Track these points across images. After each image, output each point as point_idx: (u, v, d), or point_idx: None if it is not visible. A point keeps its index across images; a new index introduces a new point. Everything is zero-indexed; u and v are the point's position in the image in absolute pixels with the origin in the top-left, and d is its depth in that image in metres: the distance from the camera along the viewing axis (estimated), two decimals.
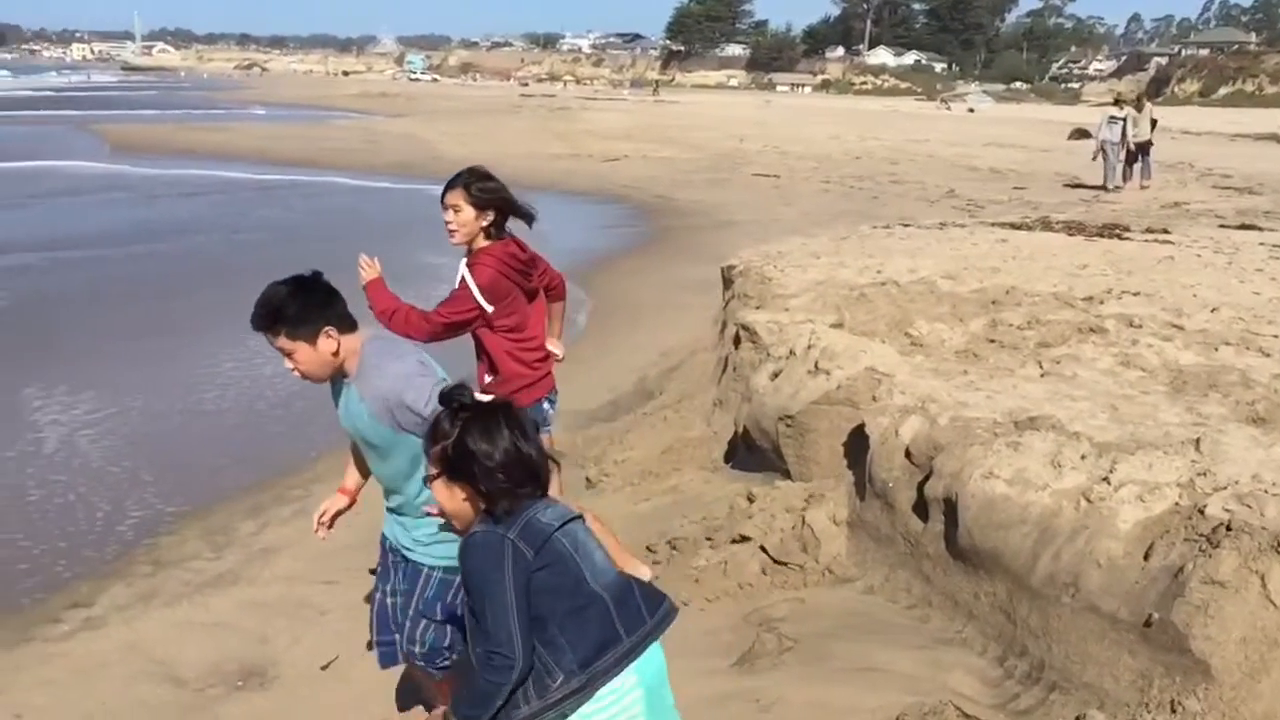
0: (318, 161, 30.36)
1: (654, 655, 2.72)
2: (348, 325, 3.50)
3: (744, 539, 4.97)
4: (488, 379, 4.74)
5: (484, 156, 31.23)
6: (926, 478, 4.47)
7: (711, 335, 8.97)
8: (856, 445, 5.12)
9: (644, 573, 2.88)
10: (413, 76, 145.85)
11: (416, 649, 3.68)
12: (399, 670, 4.67)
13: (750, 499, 5.23)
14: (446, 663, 3.70)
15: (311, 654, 4.93)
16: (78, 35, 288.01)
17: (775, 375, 5.95)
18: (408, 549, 3.65)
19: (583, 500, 6.59)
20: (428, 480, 2.66)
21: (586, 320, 12.62)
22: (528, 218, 4.78)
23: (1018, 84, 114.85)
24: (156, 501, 7.05)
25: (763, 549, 4.92)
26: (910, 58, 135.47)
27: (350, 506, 3.92)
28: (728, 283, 8.73)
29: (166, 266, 15.24)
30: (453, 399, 2.67)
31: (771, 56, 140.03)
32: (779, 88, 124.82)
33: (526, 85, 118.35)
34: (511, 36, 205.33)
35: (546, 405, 4.91)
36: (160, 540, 6.46)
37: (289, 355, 3.46)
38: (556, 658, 2.55)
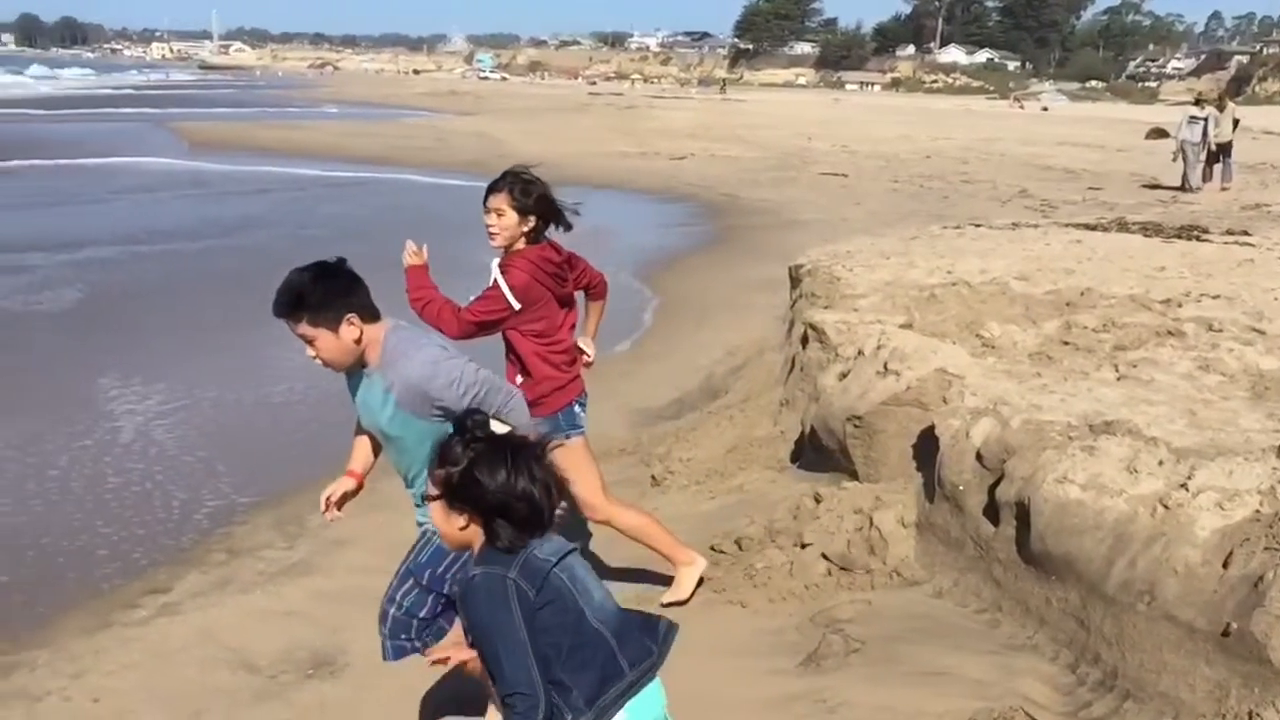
0: (388, 159, 30.73)
1: (656, 689, 2.66)
2: (370, 314, 3.46)
3: (810, 540, 4.95)
4: (519, 380, 4.77)
5: (551, 154, 31.39)
6: (998, 481, 4.42)
7: (778, 334, 8.93)
8: (926, 447, 5.07)
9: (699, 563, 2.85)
10: (482, 75, 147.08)
11: (393, 610, 3.61)
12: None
13: (817, 500, 5.20)
14: (410, 640, 3.61)
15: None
16: (157, 34, 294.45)
17: (843, 375, 5.91)
18: (421, 523, 3.66)
19: (648, 498, 6.62)
20: (426, 499, 2.60)
21: (652, 318, 12.64)
22: (568, 224, 4.77)
23: (1093, 82, 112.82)
24: (230, 491, 7.19)
25: (828, 551, 4.90)
26: (983, 56, 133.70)
27: (358, 490, 3.84)
28: (795, 282, 8.69)
29: (236, 261, 15.51)
30: (468, 426, 2.62)
31: (841, 55, 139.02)
32: (848, 86, 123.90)
33: (594, 84, 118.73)
34: (580, 35, 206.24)
35: (578, 408, 4.89)
36: (234, 529, 6.59)
37: (310, 343, 3.43)
38: (565, 697, 2.49)
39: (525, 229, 4.62)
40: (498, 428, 2.63)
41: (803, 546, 4.94)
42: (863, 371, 5.73)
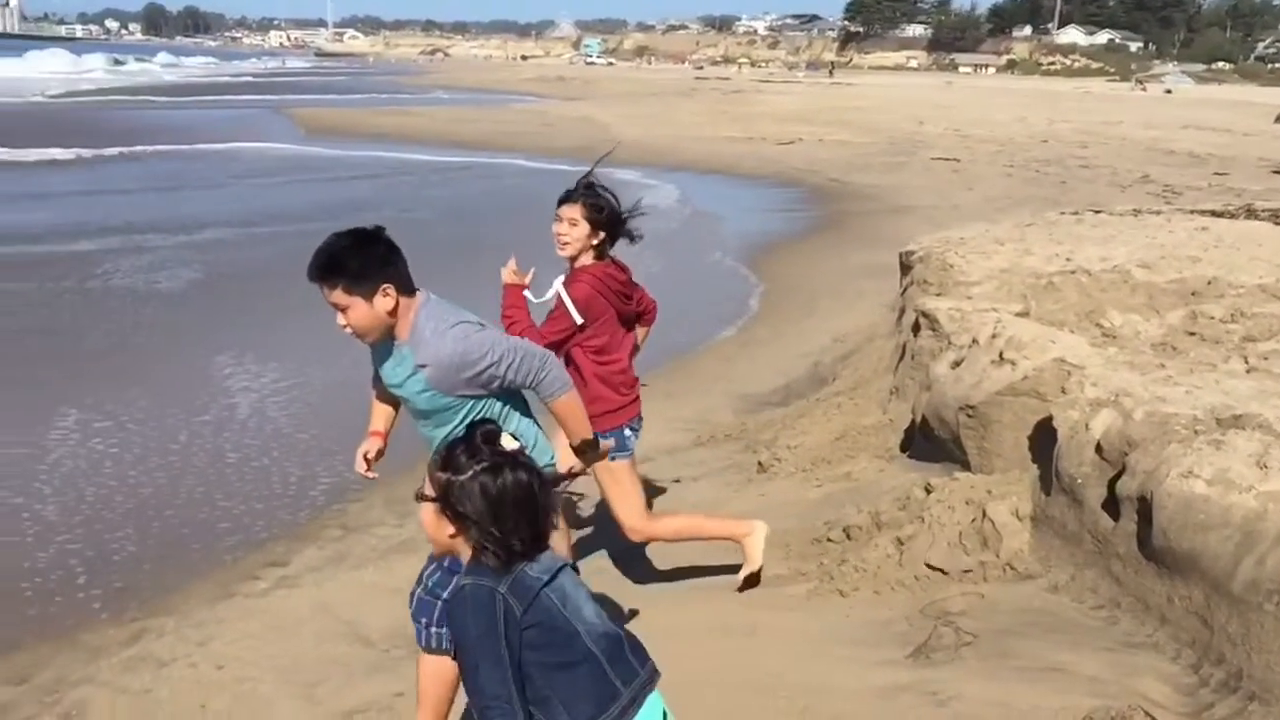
0: (495, 144, 31.08)
1: (654, 705, 2.61)
2: (406, 286, 3.38)
3: (921, 530, 4.87)
4: None
5: (656, 139, 31.44)
6: (1119, 474, 4.29)
7: (887, 322, 8.81)
8: (1043, 439, 4.95)
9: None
10: (589, 60, 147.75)
11: (419, 591, 3.60)
12: None
13: (928, 490, 5.12)
14: (430, 626, 3.58)
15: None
16: (275, 23, 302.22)
17: (957, 364, 5.80)
18: None
19: (754, 485, 6.60)
20: (419, 496, 2.52)
21: (758, 304, 12.58)
22: (634, 238, 4.74)
23: (1220, 64, 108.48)
24: (343, 469, 7.35)
25: (939, 542, 4.82)
26: (1103, 37, 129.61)
27: (384, 449, 3.88)
28: (906, 268, 8.55)
29: None
30: (479, 436, 2.52)
31: (954, 36, 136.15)
32: (961, 69, 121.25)
33: (701, 68, 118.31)
34: (687, 19, 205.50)
35: (629, 431, 4.82)
36: (348, 506, 6.75)
37: (343, 310, 3.33)
38: (552, 716, 2.44)
39: (594, 242, 4.58)
40: (508, 442, 2.52)
41: (914, 534, 4.86)
42: (977, 360, 5.61)
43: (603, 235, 4.59)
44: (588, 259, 4.59)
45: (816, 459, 6.56)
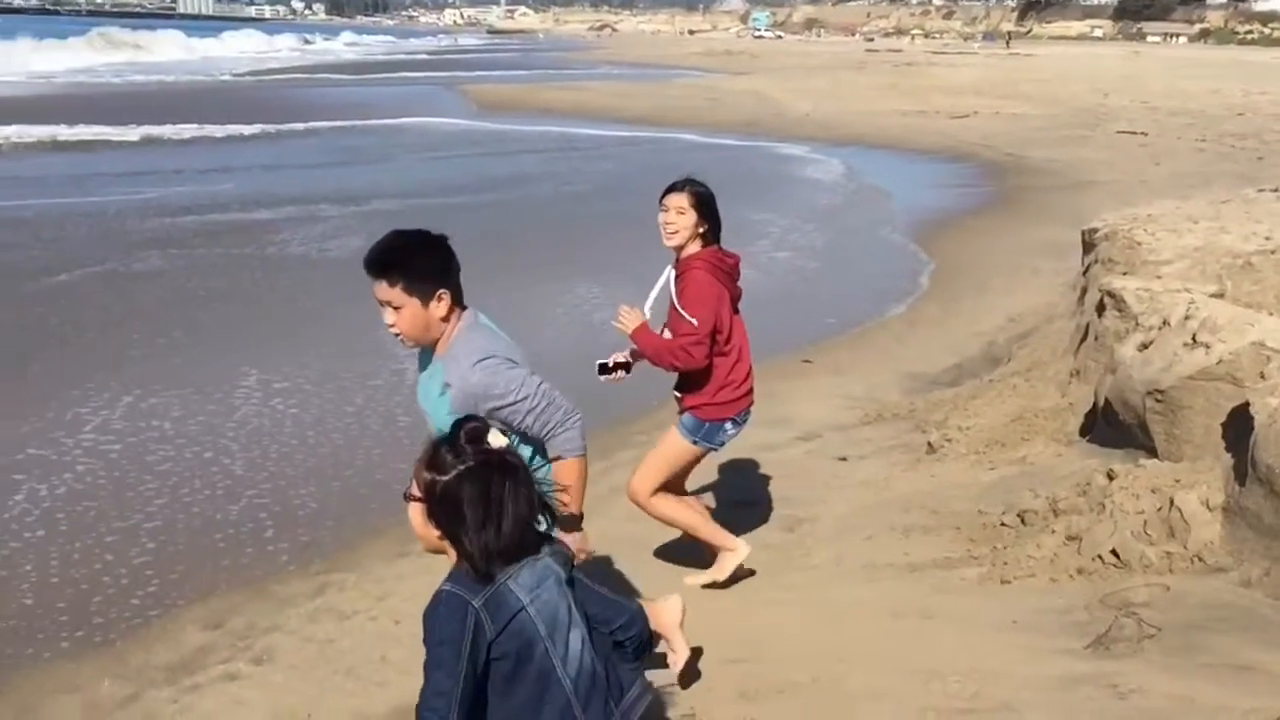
0: (662, 119, 31.14)
1: None
2: (459, 297, 3.32)
3: (1102, 517, 4.69)
4: (676, 394, 4.79)
5: (825, 113, 30.99)
6: None
7: (1067, 302, 8.47)
8: (1238, 426, 4.69)
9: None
10: (757, 34, 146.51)
11: None
12: (738, 616, 4.79)
13: (1110, 476, 4.92)
14: None
15: (647, 590, 5.11)
16: (450, 1, 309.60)
17: (1144, 346, 5.54)
18: None
19: (923, 466, 6.47)
20: (406, 496, 2.44)
21: (929, 282, 12.29)
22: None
23: None
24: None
25: (1122, 530, 4.63)
26: None
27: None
28: (1089, 246, 8.20)
29: (503, 215, 16.16)
30: (463, 434, 2.41)
31: (1143, 4, 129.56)
32: (1149, 38, 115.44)
33: (872, 40, 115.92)
34: None
35: (730, 427, 4.78)
36: None
37: (397, 309, 3.25)
38: None
39: (701, 229, 4.63)
40: (496, 439, 2.41)
41: (1095, 521, 4.69)
42: (1167, 343, 5.35)
43: (707, 224, 4.65)
44: (695, 246, 4.65)
45: (990, 441, 6.39)
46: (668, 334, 4.69)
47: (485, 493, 2.33)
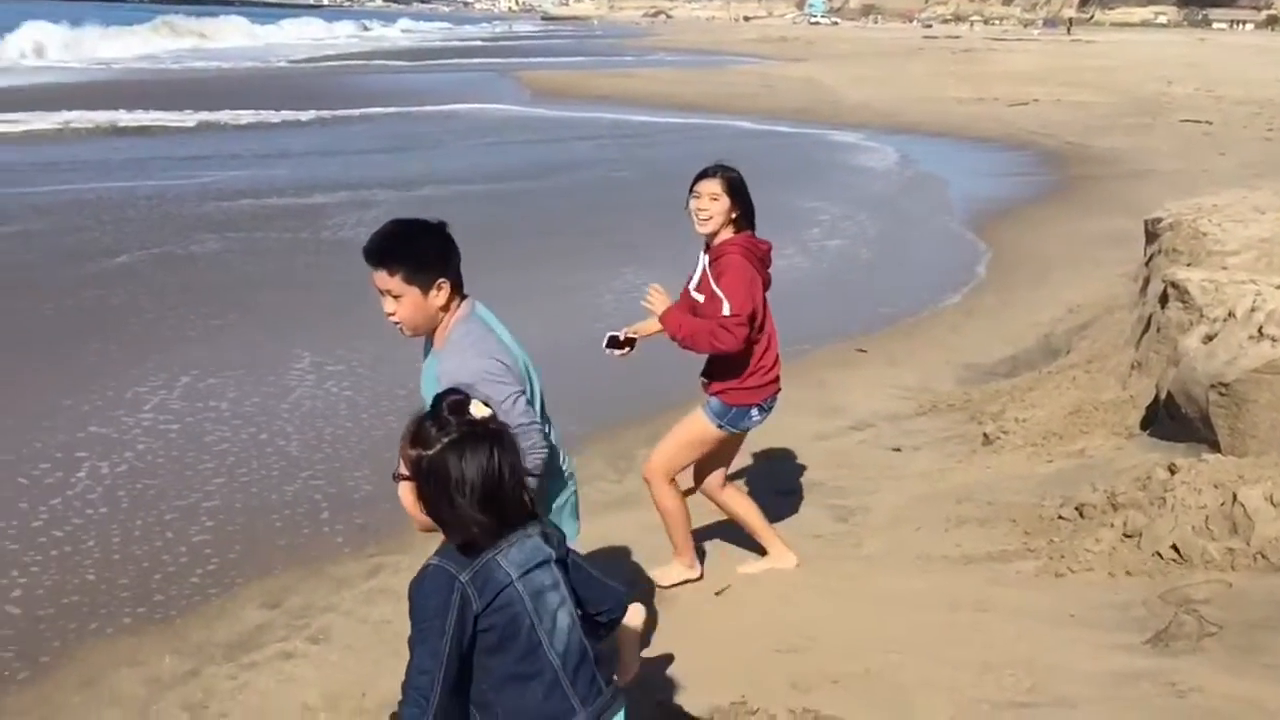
0: (715, 106, 31.00)
1: None
2: (459, 287, 3.31)
3: (1163, 512, 4.61)
4: (704, 378, 4.77)
5: (883, 101, 30.69)
6: None
7: (1129, 292, 8.34)
8: None
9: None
10: (812, 20, 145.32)
11: None
12: (789, 606, 4.77)
13: (1172, 470, 4.84)
14: None
15: (706, 579, 5.12)
16: None
17: (1209, 338, 5.43)
18: None
19: (979, 457, 6.40)
20: (395, 477, 2.42)
21: (986, 271, 12.14)
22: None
23: None
24: (568, 423, 7.48)
25: (1183, 525, 4.55)
26: None
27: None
28: (1152, 237, 8.06)
29: (552, 201, 16.21)
30: (445, 407, 2.39)
31: None
32: (1215, 25, 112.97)
33: (929, 26, 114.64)
34: None
35: (755, 413, 4.74)
36: (574, 458, 6.86)
37: (397, 298, 3.24)
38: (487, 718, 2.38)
39: (733, 215, 4.61)
40: (478, 410, 2.38)
41: (1155, 515, 4.61)
42: (1233, 335, 5.24)
43: (740, 209, 4.63)
44: (728, 232, 4.63)
45: (1047, 433, 6.31)
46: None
47: (471, 463, 2.31)
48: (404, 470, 2.40)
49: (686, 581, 5.01)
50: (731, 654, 4.42)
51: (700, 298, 4.64)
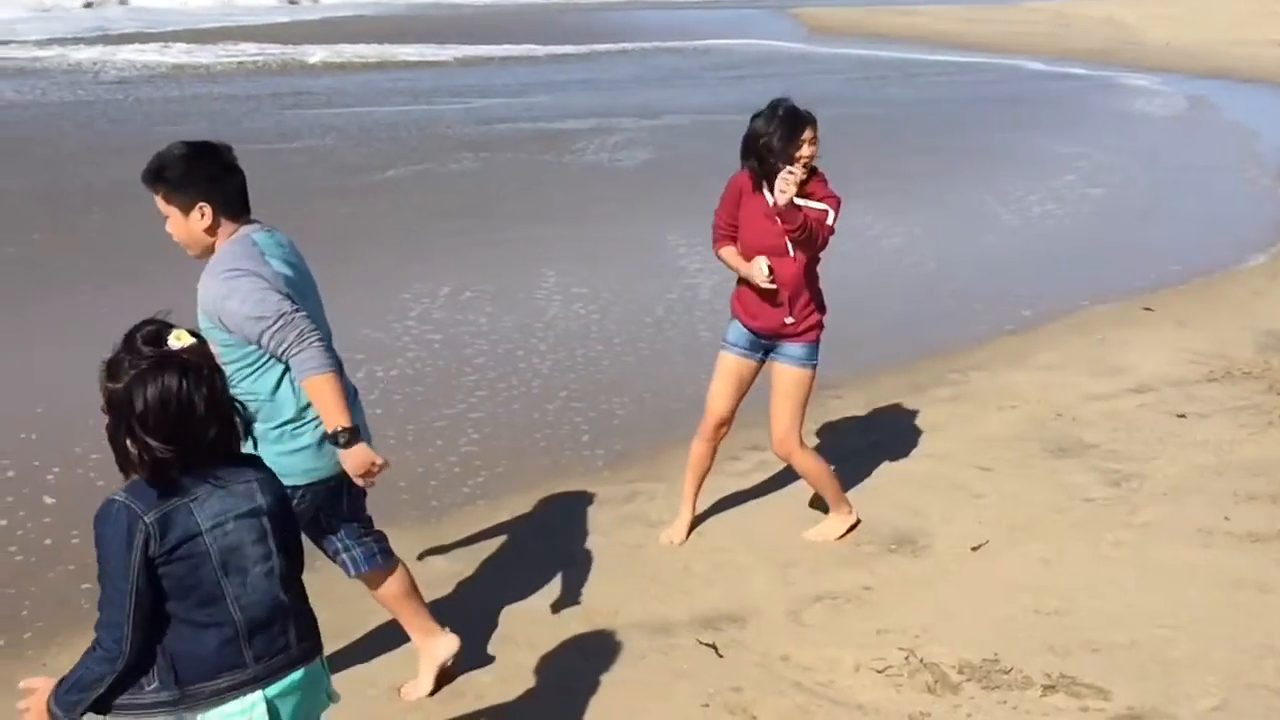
0: (1004, 45, 29.59)
1: (297, 682, 2.42)
2: (232, 210, 3.29)
3: None
4: (788, 320, 4.68)
5: (1189, 42, 28.37)
6: None
7: None
8: None
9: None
10: None
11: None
12: (1052, 568, 4.58)
13: None
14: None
15: (962, 534, 4.98)
16: None
17: None
18: None
19: (1275, 430, 5.91)
20: (104, 409, 2.27)
21: None
22: None
23: None
24: (822, 368, 7.43)
25: None
26: None
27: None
28: None
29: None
30: (141, 336, 2.25)
31: None
32: None
33: None
34: None
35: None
36: (828, 404, 6.71)
37: (166, 218, 3.30)
38: (157, 663, 2.29)
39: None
40: (178, 340, 2.24)
41: None
42: None
43: None
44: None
45: None
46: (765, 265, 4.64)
47: (157, 395, 2.20)
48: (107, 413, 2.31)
49: (851, 529, 5.00)
50: (986, 610, 4.31)
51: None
